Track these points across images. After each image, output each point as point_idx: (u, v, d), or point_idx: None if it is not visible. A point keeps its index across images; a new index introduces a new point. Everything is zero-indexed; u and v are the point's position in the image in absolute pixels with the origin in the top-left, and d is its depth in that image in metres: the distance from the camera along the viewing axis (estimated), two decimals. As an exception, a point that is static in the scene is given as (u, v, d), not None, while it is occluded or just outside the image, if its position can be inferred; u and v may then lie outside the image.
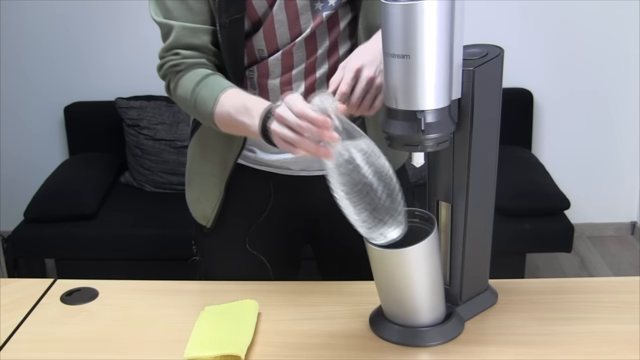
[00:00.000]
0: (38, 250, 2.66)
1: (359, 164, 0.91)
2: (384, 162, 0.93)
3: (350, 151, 0.91)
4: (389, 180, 0.93)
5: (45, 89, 3.07)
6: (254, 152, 1.26)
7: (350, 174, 0.91)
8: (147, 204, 2.77)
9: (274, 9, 1.13)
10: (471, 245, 1.07)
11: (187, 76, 1.13)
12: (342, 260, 1.37)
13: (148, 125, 2.82)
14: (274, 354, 1.03)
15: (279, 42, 1.16)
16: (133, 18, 2.85)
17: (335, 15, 1.15)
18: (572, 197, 2.53)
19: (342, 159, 0.91)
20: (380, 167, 0.92)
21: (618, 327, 1.06)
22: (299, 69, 1.18)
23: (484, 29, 2.50)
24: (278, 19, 1.14)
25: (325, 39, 1.17)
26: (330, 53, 1.18)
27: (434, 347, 1.03)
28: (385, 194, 0.92)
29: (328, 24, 1.16)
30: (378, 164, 0.92)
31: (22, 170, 3.16)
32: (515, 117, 2.89)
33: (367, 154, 0.91)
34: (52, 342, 1.08)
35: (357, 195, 0.91)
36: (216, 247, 1.33)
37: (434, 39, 0.88)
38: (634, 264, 2.97)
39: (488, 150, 1.03)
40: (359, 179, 0.91)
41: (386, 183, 0.92)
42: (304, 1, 1.13)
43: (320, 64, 1.18)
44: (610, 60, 2.95)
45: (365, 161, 0.91)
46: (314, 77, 1.19)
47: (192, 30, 1.13)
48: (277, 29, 1.14)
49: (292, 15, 1.14)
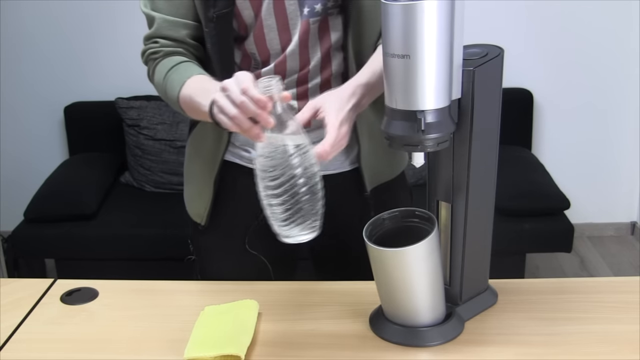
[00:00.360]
0: (38, 250, 2.66)
1: (290, 157, 0.91)
2: (314, 164, 0.94)
3: (285, 142, 0.92)
4: (314, 183, 0.94)
5: (45, 89, 3.07)
6: (249, 152, 1.26)
7: (278, 166, 0.91)
8: (147, 204, 2.77)
9: (263, 13, 1.13)
10: (471, 245, 1.07)
11: (163, 62, 1.17)
12: (339, 259, 1.37)
13: (148, 125, 2.83)
14: (274, 354, 1.03)
15: (269, 47, 1.16)
16: (133, 18, 2.85)
17: (325, 26, 1.15)
18: (572, 197, 2.53)
19: (275, 147, 0.91)
20: (309, 167, 0.93)
21: (618, 327, 1.06)
22: (291, 78, 1.18)
23: (484, 29, 2.50)
24: (267, 23, 1.14)
25: (317, 50, 1.17)
26: (324, 66, 1.18)
27: (434, 347, 1.03)
28: (307, 195, 0.93)
29: (319, 34, 1.16)
30: (308, 163, 0.93)
31: (22, 170, 3.16)
32: (515, 117, 2.89)
33: (301, 150, 0.92)
34: (52, 342, 1.08)
35: (279, 188, 0.92)
36: (212, 246, 1.33)
37: (434, 39, 0.88)
38: (634, 264, 2.97)
39: (488, 150, 1.03)
40: (285, 172, 0.91)
41: (311, 185, 0.93)
42: (293, 6, 1.13)
43: (313, 76, 1.19)
44: (610, 60, 2.95)
45: (297, 156, 0.91)
46: (306, 86, 1.19)
47: (171, 23, 1.17)
48: (267, 34, 1.14)
49: (282, 21, 1.14)
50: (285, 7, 1.13)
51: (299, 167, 0.91)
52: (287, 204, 0.93)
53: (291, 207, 0.93)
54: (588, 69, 2.97)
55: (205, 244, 1.34)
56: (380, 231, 1.06)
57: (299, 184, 0.92)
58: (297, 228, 0.95)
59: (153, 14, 1.18)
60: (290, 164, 0.91)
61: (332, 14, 1.15)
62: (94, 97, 3.03)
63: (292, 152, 0.91)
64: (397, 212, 1.07)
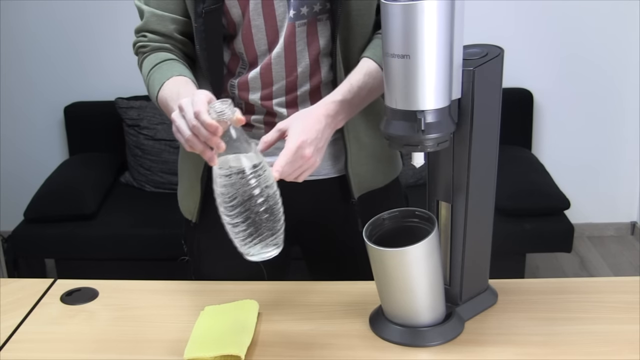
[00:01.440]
0: (38, 250, 2.67)
1: (246, 179, 0.92)
2: (272, 184, 0.95)
3: (241, 164, 0.93)
4: (273, 203, 0.95)
5: (46, 89, 3.07)
6: None
7: (235, 187, 0.92)
8: (147, 204, 2.77)
9: (251, 12, 1.13)
10: (471, 245, 1.07)
11: (149, 58, 1.19)
12: (332, 260, 1.37)
13: (148, 125, 2.83)
14: (274, 354, 1.03)
15: (256, 48, 1.16)
16: (134, 18, 2.85)
17: (313, 30, 1.15)
18: (572, 197, 2.53)
19: (230, 169, 0.93)
20: (266, 188, 0.94)
21: (618, 327, 1.06)
22: (278, 85, 1.18)
23: (484, 29, 2.50)
24: (255, 23, 1.14)
25: (304, 56, 1.16)
26: (312, 73, 1.18)
27: (434, 347, 1.03)
28: (265, 215, 0.94)
29: (307, 39, 1.16)
30: (265, 184, 0.94)
31: (22, 170, 3.16)
32: (515, 117, 2.89)
33: (257, 171, 0.93)
34: (52, 342, 1.08)
35: (237, 208, 0.93)
36: (204, 244, 1.33)
37: (434, 39, 0.88)
38: (634, 264, 2.98)
39: (488, 150, 1.03)
40: (242, 194, 0.92)
41: (269, 205, 0.94)
42: (282, 8, 1.13)
43: (302, 83, 1.19)
44: (610, 60, 2.95)
45: (253, 177, 0.93)
46: (295, 94, 1.19)
47: (159, 17, 1.19)
48: (255, 34, 1.15)
49: (270, 22, 1.14)
50: (274, 9, 1.13)
51: (256, 187, 0.93)
52: (246, 224, 0.94)
53: (249, 227, 0.94)
54: (588, 69, 2.97)
55: (197, 242, 1.34)
56: (380, 231, 1.06)
57: (257, 204, 0.93)
58: (258, 246, 0.96)
59: (143, 7, 1.20)
60: (246, 185, 0.92)
61: (321, 20, 1.15)
62: (94, 97, 3.03)
63: (248, 173, 0.92)
64: (397, 212, 1.07)
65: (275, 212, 0.95)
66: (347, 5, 1.13)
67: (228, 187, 0.93)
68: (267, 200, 0.94)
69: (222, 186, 0.93)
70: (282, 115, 1.19)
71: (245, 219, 0.93)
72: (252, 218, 0.93)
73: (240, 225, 0.94)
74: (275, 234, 0.97)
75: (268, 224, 0.94)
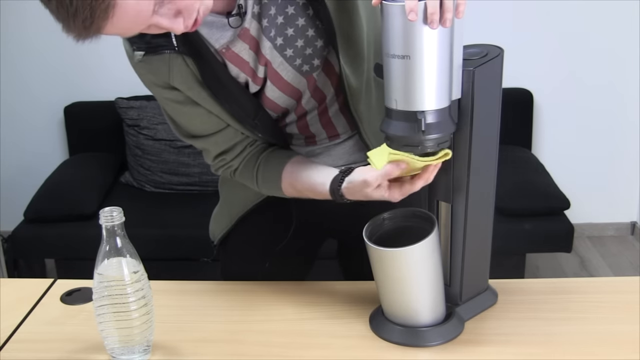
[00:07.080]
0: (38, 250, 2.66)
1: (125, 286, 0.96)
2: (148, 290, 0.99)
3: (122, 268, 0.96)
4: (148, 310, 0.99)
5: (46, 89, 3.07)
6: None
7: (114, 291, 0.96)
8: (147, 204, 2.77)
9: (266, 90, 1.12)
10: (471, 245, 1.07)
11: (241, 172, 1.19)
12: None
13: (148, 125, 2.83)
14: (273, 354, 1.03)
15: (282, 107, 1.15)
16: (133, 18, 2.85)
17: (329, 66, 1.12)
18: (572, 197, 2.53)
19: (111, 277, 0.96)
20: (144, 296, 0.98)
21: (618, 327, 1.06)
22: (312, 115, 1.18)
23: (484, 29, 2.50)
24: (274, 95, 1.12)
25: (328, 86, 1.14)
26: (337, 93, 1.16)
27: (434, 347, 1.03)
28: (138, 322, 0.98)
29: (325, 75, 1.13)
30: (143, 290, 0.98)
31: (22, 170, 3.16)
32: (515, 117, 2.89)
33: (136, 277, 0.97)
34: (52, 342, 1.08)
35: (111, 313, 0.97)
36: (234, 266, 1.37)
37: (434, 39, 0.88)
38: (634, 264, 2.98)
39: (488, 150, 1.03)
40: (119, 300, 0.96)
41: (145, 311, 0.98)
42: (291, 72, 1.10)
43: (331, 105, 1.17)
44: (610, 60, 2.95)
45: (131, 283, 0.97)
46: (328, 115, 1.18)
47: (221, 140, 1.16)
48: (276, 99, 1.13)
49: (287, 89, 1.12)
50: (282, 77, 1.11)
51: (132, 300, 0.96)
52: (119, 327, 0.98)
53: (124, 336, 0.98)
54: (588, 69, 2.96)
55: (230, 248, 1.37)
56: (380, 231, 1.06)
57: (131, 310, 0.97)
58: (131, 350, 1.00)
59: (198, 143, 1.18)
60: (124, 291, 0.96)
61: (329, 52, 1.11)
62: (94, 97, 3.03)
63: (127, 280, 0.96)
64: (397, 212, 1.07)
65: (148, 319, 1.00)
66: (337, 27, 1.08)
67: (109, 296, 0.96)
68: (142, 307, 0.98)
69: (99, 290, 0.97)
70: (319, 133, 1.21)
71: (118, 323, 0.98)
72: (126, 322, 0.97)
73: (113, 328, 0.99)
74: (147, 339, 1.01)
75: (141, 330, 0.99)
